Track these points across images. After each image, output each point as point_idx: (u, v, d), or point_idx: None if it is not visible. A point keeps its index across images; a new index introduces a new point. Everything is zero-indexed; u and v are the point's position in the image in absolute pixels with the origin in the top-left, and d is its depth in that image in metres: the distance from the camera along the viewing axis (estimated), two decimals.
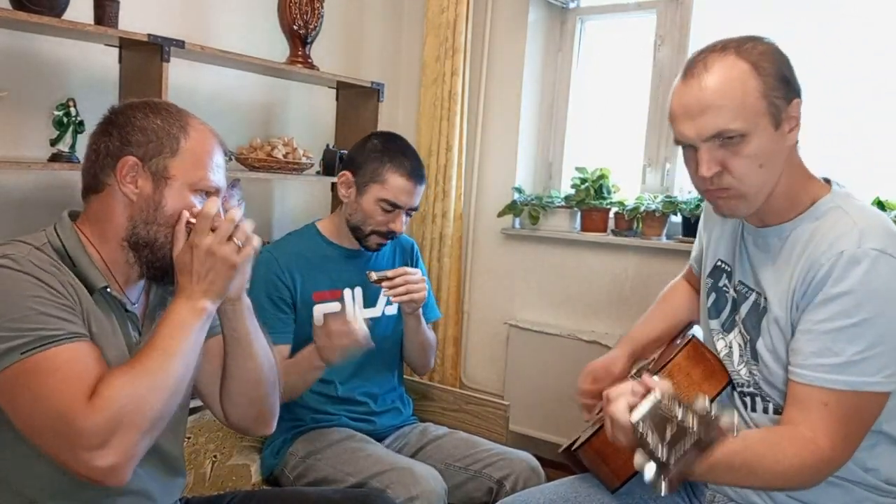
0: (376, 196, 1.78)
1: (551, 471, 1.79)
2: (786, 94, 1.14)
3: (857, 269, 1.10)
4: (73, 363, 1.01)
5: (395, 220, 1.80)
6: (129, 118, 1.16)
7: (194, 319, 1.10)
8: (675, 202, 2.52)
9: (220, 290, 1.13)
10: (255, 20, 2.39)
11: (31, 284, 1.03)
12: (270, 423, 1.34)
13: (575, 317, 2.79)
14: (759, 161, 1.15)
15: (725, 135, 1.13)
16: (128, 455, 0.99)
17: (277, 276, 1.77)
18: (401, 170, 1.78)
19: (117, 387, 0.99)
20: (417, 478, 1.58)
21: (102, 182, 1.15)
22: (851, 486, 1.19)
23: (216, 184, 1.19)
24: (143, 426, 1.00)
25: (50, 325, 1.01)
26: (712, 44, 1.18)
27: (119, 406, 0.98)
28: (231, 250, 1.12)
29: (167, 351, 1.06)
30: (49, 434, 0.98)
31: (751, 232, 1.29)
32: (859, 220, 1.15)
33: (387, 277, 1.76)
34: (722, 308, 1.35)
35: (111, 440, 0.97)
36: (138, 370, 1.03)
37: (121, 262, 1.17)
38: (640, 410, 0.92)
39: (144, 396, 1.01)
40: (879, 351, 1.09)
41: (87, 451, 0.96)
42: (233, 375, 1.26)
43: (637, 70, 2.73)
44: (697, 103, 1.14)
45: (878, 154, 2.29)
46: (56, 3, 1.66)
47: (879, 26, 2.27)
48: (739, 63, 1.13)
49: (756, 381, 1.26)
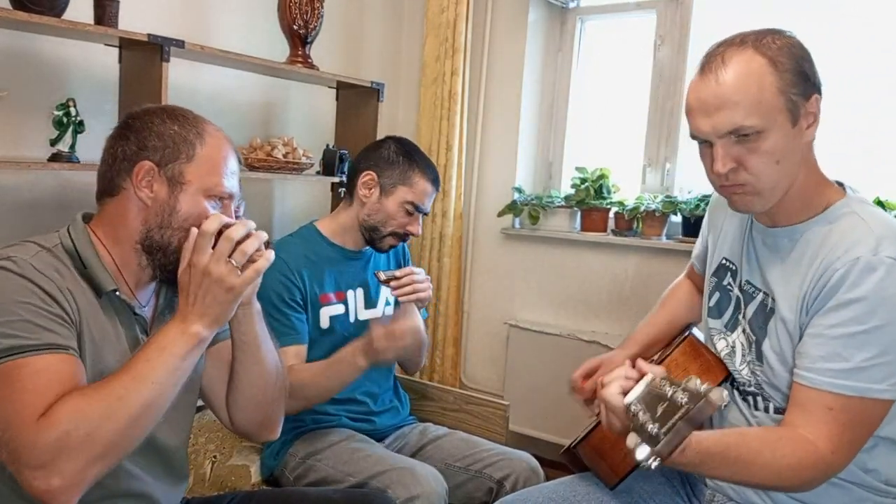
0: (403, 198, 1.81)
1: (551, 471, 1.79)
2: (804, 90, 1.13)
3: (873, 277, 1.09)
4: (39, 376, 0.98)
5: (415, 223, 1.85)
6: (147, 123, 1.16)
7: (182, 345, 1.05)
8: (675, 202, 2.52)
9: (218, 315, 1.08)
10: (255, 20, 2.39)
11: (24, 289, 1.02)
12: (275, 429, 1.34)
13: (575, 317, 2.79)
14: (775, 158, 1.13)
15: (741, 131, 1.12)
16: (72, 480, 0.95)
17: (288, 279, 1.77)
18: (427, 174, 1.84)
19: (69, 409, 0.96)
20: (418, 478, 1.58)
21: (118, 186, 1.16)
22: (852, 486, 1.19)
23: (230, 190, 1.19)
24: (92, 452, 0.96)
25: (30, 333, 1.00)
26: (731, 37, 1.17)
27: (65, 429, 0.94)
28: (228, 271, 1.06)
29: (138, 376, 1.01)
30: (1, 443, 0.97)
31: (760, 231, 1.28)
32: (876, 227, 1.14)
33: (395, 277, 1.78)
34: (725, 308, 1.35)
35: (54, 463, 0.93)
36: (99, 394, 0.99)
37: (132, 265, 1.17)
38: (634, 393, 0.94)
39: (97, 422, 0.96)
40: (888, 359, 1.10)
41: (29, 469, 0.94)
42: (240, 380, 1.26)
43: (637, 70, 2.73)
44: (714, 98, 1.13)
45: (879, 153, 2.28)
46: (56, 3, 1.66)
47: (880, 25, 2.27)
48: (757, 58, 1.12)
49: (758, 382, 1.26)
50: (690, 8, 2.60)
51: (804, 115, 1.14)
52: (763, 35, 1.15)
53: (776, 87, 1.11)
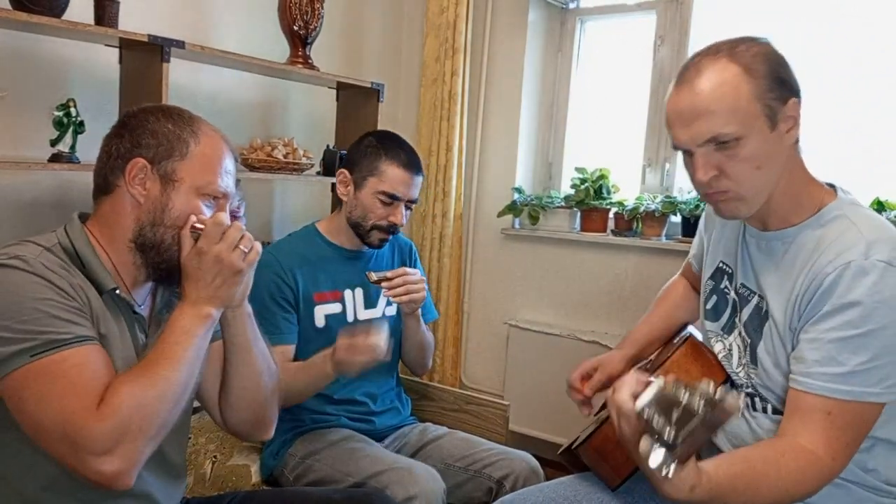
0: (374, 189, 1.79)
1: (551, 471, 1.79)
2: (780, 94, 1.14)
3: (866, 281, 1.09)
4: (82, 368, 1.01)
5: (395, 212, 1.81)
6: (142, 121, 1.17)
7: (199, 326, 1.11)
8: (674, 202, 2.52)
9: (225, 297, 1.15)
10: (256, 20, 2.39)
11: (42, 286, 1.04)
12: (269, 429, 1.35)
13: (575, 317, 2.79)
14: (755, 163, 1.14)
15: (720, 139, 1.12)
16: (133, 461, 1.01)
17: (280, 277, 1.77)
18: (396, 161, 1.80)
19: (125, 395, 1.01)
20: (416, 477, 1.58)
21: (112, 183, 1.16)
22: (853, 486, 1.19)
23: (224, 189, 1.20)
24: (148, 433, 1.02)
25: (59, 328, 1.02)
26: (706, 47, 1.18)
27: (126, 414, 0.99)
28: (238, 257, 1.13)
29: (173, 359, 1.07)
30: (55, 438, 0.99)
31: (753, 235, 1.29)
32: (866, 231, 1.14)
33: (386, 278, 1.77)
34: (722, 311, 1.35)
35: (117, 447, 0.98)
36: (146, 379, 1.04)
37: (128, 264, 1.18)
38: (645, 397, 0.93)
39: (151, 405, 1.02)
40: (883, 362, 1.10)
41: (94, 456, 0.97)
42: (232, 381, 1.27)
43: (637, 70, 2.73)
44: (690, 109, 1.14)
45: (878, 154, 2.28)
46: (56, 3, 1.66)
47: (880, 26, 2.27)
48: (731, 66, 1.12)
49: (754, 384, 1.26)
50: (690, 8, 2.60)
51: (783, 120, 1.15)
52: (737, 43, 1.15)
53: (751, 94, 1.12)
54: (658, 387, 0.93)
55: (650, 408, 0.91)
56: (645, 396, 0.93)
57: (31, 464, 1.07)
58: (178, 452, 1.29)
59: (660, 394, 0.92)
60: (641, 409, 0.92)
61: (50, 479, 1.08)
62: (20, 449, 1.06)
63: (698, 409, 0.87)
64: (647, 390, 0.94)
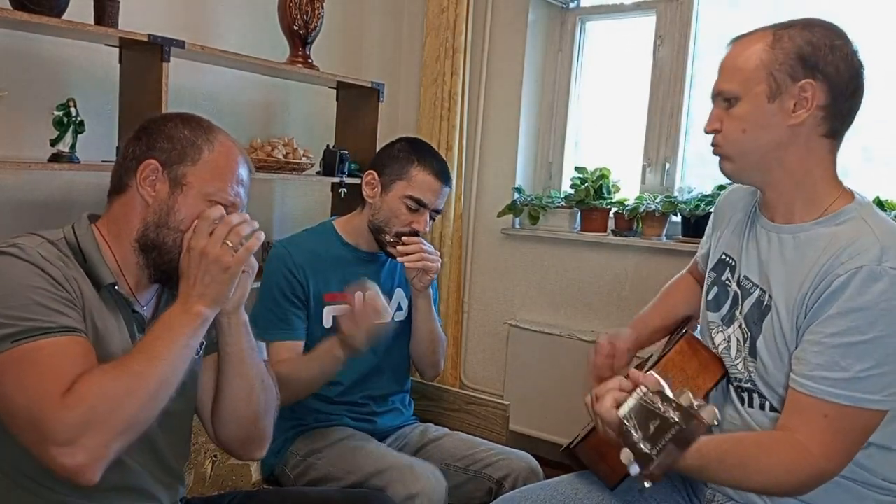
0: (402, 193, 1.77)
1: (550, 471, 1.79)
2: (795, 71, 1.16)
3: (876, 287, 1.09)
4: (57, 357, 1.00)
5: (419, 219, 1.78)
6: (161, 126, 1.20)
7: (186, 323, 1.09)
8: (674, 202, 2.52)
9: (216, 294, 1.12)
10: (256, 20, 2.39)
11: (34, 275, 1.04)
12: (260, 448, 1.32)
13: (575, 317, 2.79)
14: (742, 126, 1.20)
15: (723, 95, 1.21)
16: (97, 456, 0.98)
17: (291, 272, 1.76)
18: (428, 168, 1.78)
19: (93, 385, 0.99)
20: (418, 475, 1.57)
21: (125, 183, 1.18)
22: (853, 484, 1.19)
23: (233, 198, 1.19)
24: (116, 428, 0.99)
25: (44, 316, 1.02)
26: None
27: (91, 405, 0.97)
28: (223, 251, 1.11)
29: (150, 354, 1.05)
30: (23, 424, 0.99)
31: (764, 226, 1.29)
32: (882, 236, 1.14)
33: (401, 241, 1.76)
34: (723, 302, 1.35)
35: (80, 439, 0.96)
36: (118, 371, 1.02)
37: (132, 265, 1.18)
38: (626, 406, 0.94)
39: (120, 398, 1.00)
40: (886, 370, 1.10)
41: (55, 446, 0.96)
42: (224, 392, 1.26)
43: (637, 70, 2.73)
44: (720, 65, 1.24)
45: (878, 154, 2.28)
46: (56, 3, 1.66)
47: (880, 26, 2.27)
48: (766, 37, 1.19)
49: (752, 378, 1.26)
50: (690, 8, 2.60)
51: (788, 95, 1.16)
52: (795, 23, 1.21)
53: (762, 61, 1.17)
54: (639, 395, 0.94)
55: (631, 418, 0.92)
56: (626, 405, 0.94)
57: (27, 453, 1.06)
58: (175, 449, 1.28)
59: (640, 403, 0.93)
60: (623, 417, 0.93)
61: (46, 469, 1.05)
62: (15, 438, 1.05)
63: (673, 421, 0.88)
64: (629, 399, 0.94)
